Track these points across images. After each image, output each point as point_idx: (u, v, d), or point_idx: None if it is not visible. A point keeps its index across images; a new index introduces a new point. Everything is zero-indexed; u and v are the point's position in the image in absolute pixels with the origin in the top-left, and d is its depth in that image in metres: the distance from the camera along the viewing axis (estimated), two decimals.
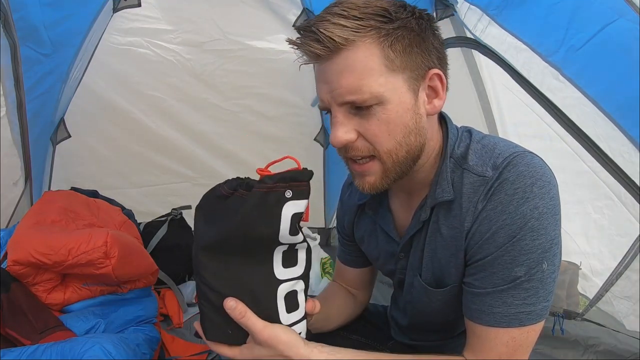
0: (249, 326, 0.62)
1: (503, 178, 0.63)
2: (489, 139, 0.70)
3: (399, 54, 0.62)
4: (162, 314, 1.67)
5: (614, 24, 1.04)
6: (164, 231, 1.93)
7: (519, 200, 0.62)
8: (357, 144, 0.66)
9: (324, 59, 0.62)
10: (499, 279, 0.64)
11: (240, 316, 0.62)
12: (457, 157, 0.70)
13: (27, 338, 1.10)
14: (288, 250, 0.64)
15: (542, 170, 0.63)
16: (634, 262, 1.42)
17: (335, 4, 0.62)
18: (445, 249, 0.72)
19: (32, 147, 1.63)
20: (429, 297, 0.78)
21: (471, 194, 0.66)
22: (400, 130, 0.64)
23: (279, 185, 0.57)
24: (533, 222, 0.61)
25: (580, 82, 1.22)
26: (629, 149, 1.21)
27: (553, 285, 0.65)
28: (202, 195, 0.64)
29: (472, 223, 0.66)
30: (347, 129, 0.65)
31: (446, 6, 1.55)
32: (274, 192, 0.57)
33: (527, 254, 0.62)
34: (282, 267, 0.64)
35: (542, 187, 0.62)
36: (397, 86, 0.63)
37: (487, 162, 0.66)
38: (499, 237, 0.63)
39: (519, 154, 0.64)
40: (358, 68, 0.61)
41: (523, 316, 0.64)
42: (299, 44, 0.63)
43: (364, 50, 0.61)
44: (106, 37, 1.89)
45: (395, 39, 0.61)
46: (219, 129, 2.23)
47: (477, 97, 1.65)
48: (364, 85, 0.61)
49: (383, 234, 0.84)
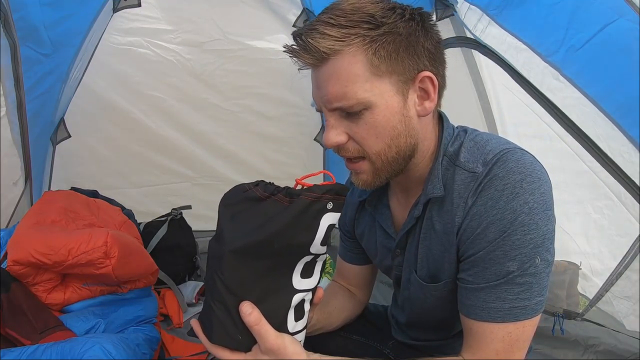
0: (262, 334, 0.61)
1: (493, 174, 0.64)
2: (482, 136, 0.71)
3: (384, 59, 0.63)
4: (162, 314, 1.67)
5: (614, 24, 1.04)
6: (164, 231, 1.93)
7: (509, 195, 0.62)
8: (347, 146, 0.68)
9: (315, 66, 0.65)
10: (492, 274, 0.65)
11: (255, 323, 0.61)
12: (450, 154, 0.71)
13: (27, 338, 1.10)
14: (310, 261, 0.64)
15: (532, 167, 0.64)
16: (634, 262, 1.42)
17: (326, 10, 0.65)
18: (439, 245, 0.73)
19: (32, 147, 1.63)
20: (424, 293, 0.79)
21: (462, 190, 0.68)
22: (388, 133, 0.66)
23: (325, 196, 0.59)
24: (523, 217, 0.62)
25: (580, 82, 1.22)
26: (629, 149, 1.21)
27: (547, 280, 0.65)
28: (226, 193, 0.63)
29: (462, 218, 0.67)
30: (338, 132, 0.67)
31: (446, 6, 1.55)
32: (319, 202, 0.59)
33: (518, 248, 0.63)
34: (300, 277, 0.64)
35: (532, 183, 0.63)
36: (383, 90, 0.64)
37: (477, 159, 0.67)
38: (489, 232, 0.64)
39: (509, 150, 0.65)
40: (343, 75, 0.63)
41: (517, 311, 0.64)
42: (292, 53, 0.65)
43: (349, 58, 0.62)
44: (106, 37, 1.89)
45: (380, 45, 0.62)
46: (219, 129, 2.23)
47: (477, 97, 1.66)
48: (349, 92, 0.63)
49: (381, 230, 0.85)
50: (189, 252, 2.01)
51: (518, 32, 1.29)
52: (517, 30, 1.30)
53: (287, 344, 0.63)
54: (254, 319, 0.61)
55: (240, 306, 0.60)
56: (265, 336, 0.61)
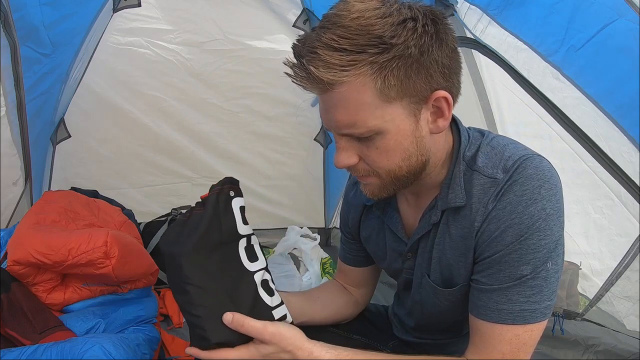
0: (250, 331, 0.65)
1: (512, 180, 0.64)
2: (498, 140, 0.71)
3: (393, 86, 0.59)
4: (162, 314, 1.67)
5: (614, 24, 1.04)
6: (164, 231, 1.93)
7: (527, 201, 0.63)
8: (358, 167, 0.68)
9: (320, 93, 0.62)
10: (506, 276, 0.65)
11: (240, 325, 0.64)
12: (468, 159, 0.71)
13: (27, 338, 1.10)
14: (247, 246, 0.73)
15: (549, 173, 0.65)
16: (634, 262, 1.42)
17: (328, 24, 0.58)
18: (454, 250, 0.72)
19: (32, 147, 1.63)
20: (437, 298, 0.78)
21: (481, 195, 0.67)
22: (399, 155, 0.65)
23: (224, 187, 0.71)
24: (540, 223, 0.63)
25: (580, 82, 1.22)
26: (629, 149, 1.21)
27: (557, 285, 0.66)
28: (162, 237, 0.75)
29: (481, 222, 0.67)
30: (349, 154, 0.66)
31: (446, 6, 1.54)
32: (222, 193, 0.71)
33: (533, 252, 0.63)
34: (248, 261, 0.72)
35: (550, 190, 0.63)
36: (394, 116, 0.61)
37: (497, 165, 0.67)
38: (507, 235, 0.64)
39: (529, 157, 0.66)
40: (351, 104, 0.60)
41: (527, 314, 0.65)
42: (295, 79, 0.61)
43: (356, 87, 0.58)
44: (106, 37, 1.89)
45: (389, 71, 0.57)
46: (219, 129, 2.23)
47: (477, 97, 1.65)
48: (359, 120, 0.61)
49: (391, 233, 0.84)
50: None
51: (518, 32, 1.29)
52: (517, 30, 1.30)
53: (282, 330, 0.67)
54: (237, 322, 0.64)
55: (223, 317, 0.65)
56: (254, 331, 0.65)
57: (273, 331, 0.65)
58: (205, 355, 0.66)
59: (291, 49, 0.62)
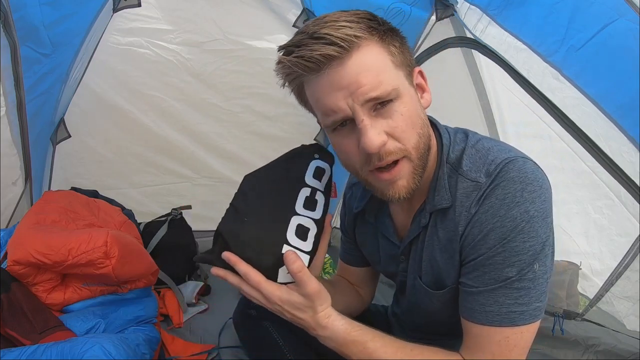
0: (305, 280, 0.66)
1: (495, 184, 0.65)
2: (484, 143, 0.71)
3: (398, 51, 0.66)
4: (162, 314, 1.67)
5: (614, 24, 1.04)
6: (164, 231, 1.93)
7: (509, 204, 0.63)
8: (389, 147, 0.65)
9: (335, 63, 0.62)
10: (491, 278, 0.66)
11: (298, 270, 0.66)
12: (452, 162, 0.72)
13: (27, 338, 1.10)
14: (310, 195, 0.77)
15: (532, 175, 0.64)
16: (634, 262, 1.42)
17: (317, 21, 0.63)
18: (443, 252, 0.73)
19: (32, 147, 1.63)
20: (430, 299, 0.79)
21: (464, 199, 0.68)
22: (418, 122, 0.67)
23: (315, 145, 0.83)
24: (523, 225, 0.63)
25: (580, 82, 1.22)
26: (629, 149, 1.21)
27: (545, 286, 0.66)
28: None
29: (465, 226, 0.68)
30: (378, 131, 0.64)
31: (446, 6, 1.55)
32: (306, 150, 0.82)
33: (517, 255, 0.64)
34: (302, 207, 0.76)
35: (533, 192, 0.63)
36: (403, 81, 0.66)
37: (480, 168, 0.68)
38: (490, 239, 0.65)
39: (511, 159, 0.66)
40: (374, 66, 0.63)
41: (515, 316, 0.65)
42: (303, 54, 0.61)
43: (372, 49, 0.63)
44: (106, 37, 1.89)
45: (390, 38, 0.65)
46: (219, 129, 2.23)
47: (477, 97, 1.65)
48: (384, 80, 0.63)
49: (384, 238, 0.85)
50: (189, 252, 2.01)
51: (518, 32, 1.29)
52: (517, 30, 1.30)
53: (322, 290, 0.69)
54: (297, 266, 0.65)
55: (285, 254, 0.66)
56: (307, 282, 0.66)
57: (317, 288, 0.67)
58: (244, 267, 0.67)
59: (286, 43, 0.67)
